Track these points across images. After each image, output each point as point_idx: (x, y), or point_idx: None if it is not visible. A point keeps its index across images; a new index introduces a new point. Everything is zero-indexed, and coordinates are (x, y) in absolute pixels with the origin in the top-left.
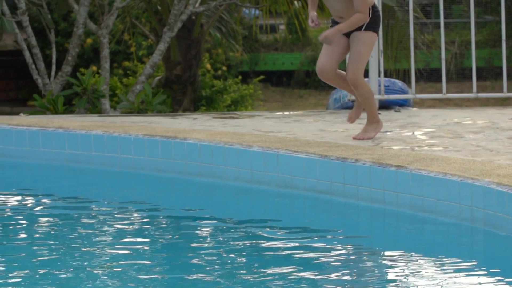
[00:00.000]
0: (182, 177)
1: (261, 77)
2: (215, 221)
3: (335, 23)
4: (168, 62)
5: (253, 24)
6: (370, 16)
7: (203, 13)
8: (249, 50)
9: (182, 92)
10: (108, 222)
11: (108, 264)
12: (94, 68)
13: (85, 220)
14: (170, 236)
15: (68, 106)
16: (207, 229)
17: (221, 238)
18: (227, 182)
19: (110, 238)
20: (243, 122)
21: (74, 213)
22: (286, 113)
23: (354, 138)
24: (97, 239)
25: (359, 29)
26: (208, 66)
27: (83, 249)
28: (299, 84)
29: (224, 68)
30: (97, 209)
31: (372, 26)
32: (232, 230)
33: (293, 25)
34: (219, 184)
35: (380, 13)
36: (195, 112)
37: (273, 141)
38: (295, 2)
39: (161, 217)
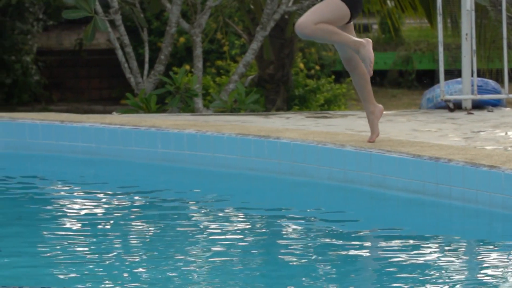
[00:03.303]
0: (275, 176)
1: None
2: (307, 220)
3: None
4: (261, 61)
5: None
6: None
7: (296, 12)
8: None
9: (275, 91)
10: (201, 220)
11: (202, 260)
12: (187, 67)
13: (178, 218)
14: (263, 234)
15: (161, 105)
16: (300, 227)
17: (312, 237)
18: (320, 181)
19: (203, 235)
20: (336, 122)
21: (167, 212)
22: None
23: (370, 74)
24: (191, 236)
25: None
26: (301, 65)
27: (176, 245)
28: (392, 83)
29: (317, 67)
30: (189, 207)
31: None
32: (324, 229)
33: (386, 24)
34: (312, 183)
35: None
36: (288, 111)
37: (366, 141)
38: (388, 2)
39: (254, 215)
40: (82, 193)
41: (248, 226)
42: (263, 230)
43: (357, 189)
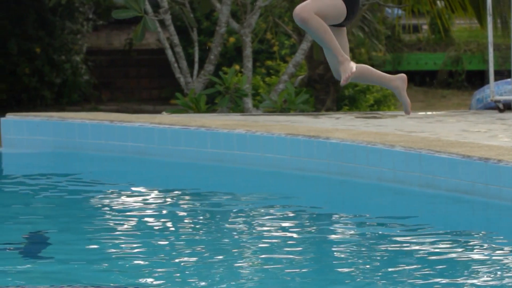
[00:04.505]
0: (324, 176)
1: None
2: (356, 220)
3: None
4: (311, 61)
5: (395, 23)
6: None
7: None
8: (392, 50)
9: (325, 92)
10: (249, 219)
11: (253, 257)
12: (237, 67)
13: (227, 217)
14: (311, 234)
15: (211, 105)
16: (349, 227)
17: (361, 237)
18: (370, 181)
19: (252, 235)
20: (386, 122)
21: (216, 211)
22: (428, 113)
23: (343, 84)
24: (240, 235)
25: None
26: None
27: (225, 244)
28: (442, 84)
29: None
30: (238, 207)
31: None
32: (373, 228)
33: (436, 25)
34: (361, 183)
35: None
36: (337, 111)
37: (416, 141)
38: (438, 2)
39: (303, 215)
40: (131, 192)
41: (297, 226)
42: (312, 230)
43: (407, 190)
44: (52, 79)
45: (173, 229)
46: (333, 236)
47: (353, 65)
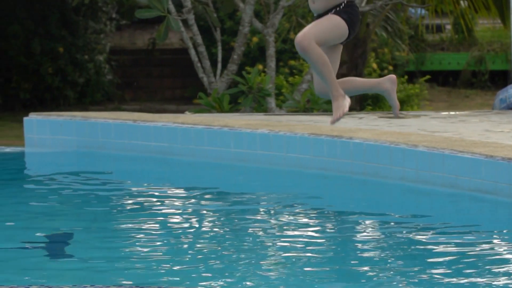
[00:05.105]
0: (347, 176)
1: (427, 76)
2: (379, 220)
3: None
4: None
5: (419, 23)
6: (343, 6)
7: (369, 13)
8: (415, 49)
9: None
10: (272, 219)
11: (275, 257)
12: (260, 66)
13: (249, 217)
14: (334, 234)
15: (234, 104)
16: (372, 227)
17: (385, 237)
18: (392, 181)
19: (275, 235)
20: (409, 122)
21: (239, 210)
22: (452, 113)
23: (332, 123)
24: (263, 235)
25: (329, 11)
26: (374, 65)
27: (249, 244)
28: (465, 84)
29: (390, 67)
30: (261, 206)
31: (341, 13)
32: (396, 228)
33: (459, 24)
34: (384, 183)
35: (358, 15)
36: (361, 111)
37: (439, 141)
38: (461, 2)
39: (326, 215)
40: (154, 192)
41: (319, 226)
42: (335, 230)
43: (430, 190)
44: (75, 79)
45: (196, 228)
46: (356, 236)
47: (347, 103)
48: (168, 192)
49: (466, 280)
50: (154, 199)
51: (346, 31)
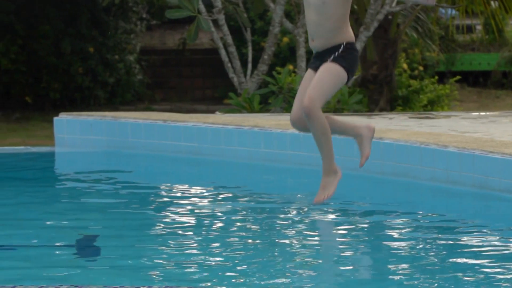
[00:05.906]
0: (377, 176)
1: (458, 77)
2: (410, 221)
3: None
4: (364, 62)
5: (449, 24)
6: (342, 50)
7: (399, 13)
8: (445, 50)
9: (378, 92)
10: (302, 220)
11: (305, 256)
12: (291, 67)
13: (280, 217)
14: (365, 234)
15: (264, 104)
16: (403, 228)
17: (416, 237)
18: (423, 182)
19: (305, 235)
20: (439, 122)
21: (270, 210)
22: (482, 113)
23: (315, 203)
24: (293, 235)
25: (328, 57)
26: (405, 65)
27: (279, 244)
28: (495, 84)
29: (421, 68)
30: (292, 206)
31: (341, 60)
32: (427, 228)
33: (490, 25)
34: (414, 183)
35: (357, 58)
36: (391, 112)
37: (469, 142)
38: (492, 2)
39: (356, 215)
40: (184, 193)
41: (349, 225)
42: (365, 230)
43: (460, 190)
44: (106, 79)
45: (226, 228)
46: (386, 236)
47: (336, 182)
48: (198, 192)
49: (499, 282)
50: (184, 199)
51: (345, 79)
